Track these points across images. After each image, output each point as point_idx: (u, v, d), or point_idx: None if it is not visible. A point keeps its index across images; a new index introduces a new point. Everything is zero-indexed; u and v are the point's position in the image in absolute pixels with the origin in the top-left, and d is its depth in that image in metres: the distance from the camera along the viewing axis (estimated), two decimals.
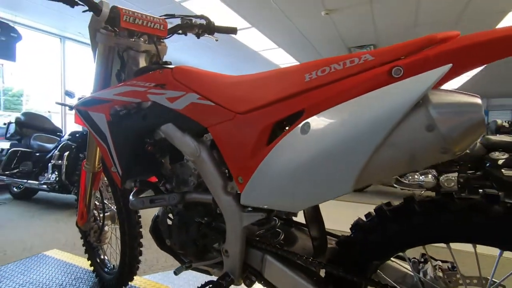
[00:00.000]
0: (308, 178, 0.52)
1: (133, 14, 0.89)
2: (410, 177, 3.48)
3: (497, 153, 3.07)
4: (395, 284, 0.63)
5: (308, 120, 0.54)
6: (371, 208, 0.62)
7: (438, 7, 3.76)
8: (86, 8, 0.86)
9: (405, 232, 0.57)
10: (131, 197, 0.86)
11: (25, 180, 3.03)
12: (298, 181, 0.54)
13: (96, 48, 0.94)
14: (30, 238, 2.07)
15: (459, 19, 4.08)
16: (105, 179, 1.26)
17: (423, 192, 3.51)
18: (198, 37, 1.15)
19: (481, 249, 0.52)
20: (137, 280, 1.35)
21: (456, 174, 3.24)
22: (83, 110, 0.90)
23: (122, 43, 0.92)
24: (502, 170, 2.97)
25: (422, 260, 0.68)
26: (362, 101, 0.47)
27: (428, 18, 4.09)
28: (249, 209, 0.67)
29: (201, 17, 1.11)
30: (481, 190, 3.16)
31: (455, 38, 0.45)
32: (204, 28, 1.11)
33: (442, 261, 0.67)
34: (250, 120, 0.64)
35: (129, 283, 1.28)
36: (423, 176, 3.39)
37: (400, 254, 0.65)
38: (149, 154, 0.84)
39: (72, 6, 0.85)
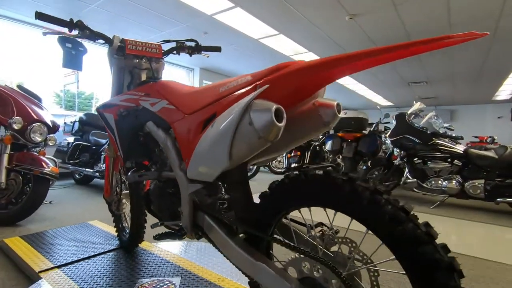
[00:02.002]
0: (209, 158, 0.79)
1: (135, 43, 1.24)
2: (432, 182, 3.39)
3: None
4: (287, 241, 0.85)
5: (216, 119, 0.81)
6: None
7: (472, 4, 3.58)
8: (104, 41, 1.23)
9: (283, 199, 0.80)
10: (129, 173, 1.21)
11: (84, 169, 3.72)
12: (206, 160, 0.81)
13: (112, 68, 1.32)
14: (82, 213, 2.63)
15: (501, 13, 3.80)
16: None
17: (446, 198, 3.40)
18: (190, 55, 1.47)
19: None
20: (147, 245, 1.72)
21: (482, 181, 3.09)
22: (101, 112, 1.27)
23: (129, 64, 1.28)
24: None
25: (315, 225, 0.89)
26: (234, 106, 0.72)
27: (462, 16, 3.90)
28: (192, 181, 0.95)
29: (191, 40, 1.42)
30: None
31: (288, 66, 0.68)
32: (193, 49, 1.43)
33: (330, 228, 0.87)
34: (192, 119, 0.92)
35: (139, 245, 1.67)
36: (446, 182, 3.28)
37: (302, 221, 0.88)
38: (141, 143, 1.18)
39: (94, 41, 1.24)
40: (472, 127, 11.70)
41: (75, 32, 1.20)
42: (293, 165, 4.96)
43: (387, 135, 3.79)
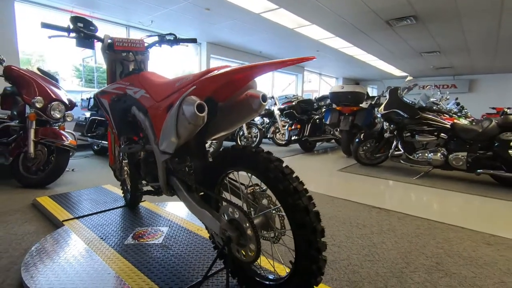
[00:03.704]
0: (168, 136, 1.08)
1: (121, 40, 1.51)
2: (419, 154, 3.57)
3: (509, 133, 2.97)
4: (226, 196, 1.16)
5: (172, 107, 1.09)
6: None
7: None
8: (97, 40, 1.51)
9: (221, 165, 1.10)
10: (122, 146, 1.55)
11: (100, 141, 4.16)
12: (166, 137, 1.11)
13: (105, 60, 1.60)
14: (98, 178, 3.07)
15: None
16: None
17: (431, 169, 3.59)
18: (171, 47, 1.72)
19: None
20: (147, 204, 2.11)
21: (465, 153, 3.24)
22: (99, 97, 1.59)
23: (119, 57, 1.56)
24: (510, 152, 2.90)
25: (251, 186, 1.19)
26: (178, 100, 1.00)
27: None
28: (163, 152, 1.26)
29: (170, 34, 1.67)
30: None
31: (212, 71, 0.94)
32: (172, 41, 1.68)
33: (262, 188, 1.17)
34: (160, 105, 1.21)
35: (141, 204, 2.06)
36: (431, 154, 3.45)
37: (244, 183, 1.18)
38: (130, 122, 1.49)
39: (88, 40, 1.52)
40: (493, 98, 11.27)
41: (72, 35, 1.48)
42: (293, 138, 5.21)
43: (379, 109, 3.92)
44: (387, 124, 3.76)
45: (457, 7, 4.55)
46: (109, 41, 1.51)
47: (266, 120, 6.68)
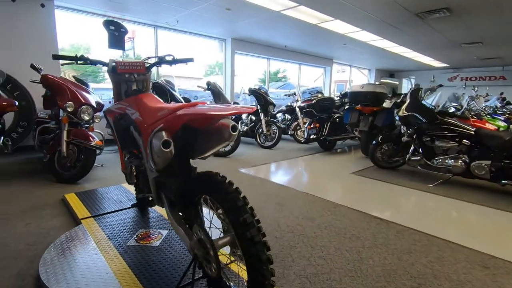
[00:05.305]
0: (150, 158, 1.22)
1: (123, 63, 1.67)
2: (440, 160, 3.40)
3: None
4: (204, 216, 1.28)
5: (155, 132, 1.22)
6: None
7: None
8: (101, 65, 1.69)
9: (195, 189, 1.22)
10: (125, 159, 1.73)
11: None
12: (149, 159, 1.25)
13: (111, 81, 1.79)
14: (118, 176, 3.37)
15: None
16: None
17: (450, 176, 3.41)
18: (170, 65, 1.85)
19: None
20: (156, 208, 2.31)
21: (489, 162, 3.04)
22: (105, 115, 1.78)
23: (122, 78, 1.73)
24: None
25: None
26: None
27: None
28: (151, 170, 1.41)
29: (169, 55, 1.80)
30: None
31: (183, 108, 1.05)
32: (170, 61, 1.81)
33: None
34: (148, 129, 1.35)
35: (149, 207, 2.27)
36: (452, 161, 3.28)
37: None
38: (130, 139, 1.66)
39: (95, 65, 1.70)
40: None
41: (80, 62, 1.67)
42: (312, 137, 5.19)
43: (400, 111, 3.75)
44: (404, 128, 3.61)
45: None
46: (113, 64, 1.68)
47: (288, 116, 6.69)
